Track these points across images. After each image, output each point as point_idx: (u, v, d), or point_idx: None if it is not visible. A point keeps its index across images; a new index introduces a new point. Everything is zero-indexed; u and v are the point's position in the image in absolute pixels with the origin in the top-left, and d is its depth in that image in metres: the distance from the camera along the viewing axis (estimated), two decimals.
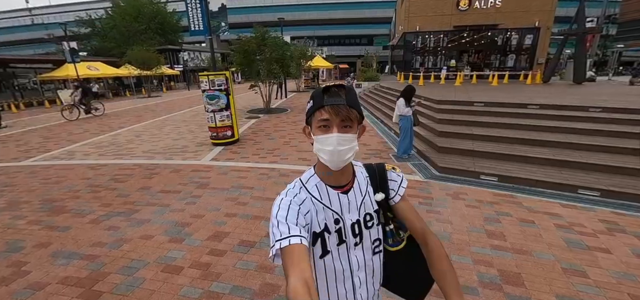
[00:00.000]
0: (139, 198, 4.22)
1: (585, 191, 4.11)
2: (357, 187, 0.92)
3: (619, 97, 8.57)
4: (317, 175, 0.90)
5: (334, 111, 0.79)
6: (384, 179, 0.96)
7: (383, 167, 0.99)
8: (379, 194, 0.94)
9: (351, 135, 0.82)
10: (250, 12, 45.96)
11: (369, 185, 0.95)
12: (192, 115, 12.39)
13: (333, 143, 0.80)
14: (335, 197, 0.88)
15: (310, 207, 0.86)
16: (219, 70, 7.05)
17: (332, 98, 0.80)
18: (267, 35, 11.61)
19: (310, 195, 0.88)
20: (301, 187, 0.90)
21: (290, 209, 0.81)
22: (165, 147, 7.11)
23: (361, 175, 0.95)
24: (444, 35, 19.15)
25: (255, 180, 4.76)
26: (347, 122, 0.80)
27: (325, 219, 0.87)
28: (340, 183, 0.90)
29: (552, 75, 15.19)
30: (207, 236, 3.16)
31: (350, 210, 0.89)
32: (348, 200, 0.89)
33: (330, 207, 0.88)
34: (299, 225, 0.78)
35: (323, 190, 0.88)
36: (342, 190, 0.90)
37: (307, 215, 0.84)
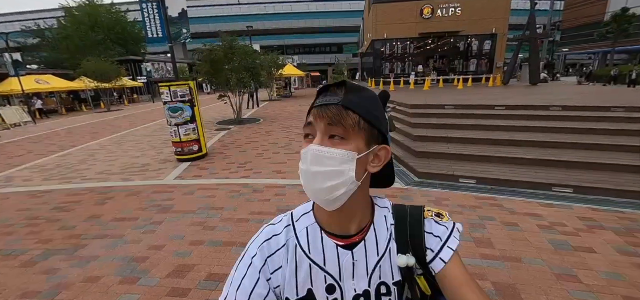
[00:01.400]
0: (86, 230, 3.62)
1: (559, 189, 4.18)
2: (372, 239, 0.60)
3: (573, 95, 9.22)
4: (314, 214, 0.63)
5: (319, 112, 0.53)
6: (419, 231, 0.61)
7: (419, 212, 0.64)
8: (404, 257, 0.59)
9: (339, 151, 0.52)
10: (216, 21, 44.81)
11: (391, 240, 0.61)
12: (155, 129, 11.52)
13: (306, 159, 0.54)
14: (332, 251, 0.59)
15: (282, 262, 0.60)
16: (185, 80, 6.51)
17: (326, 97, 0.55)
18: (235, 43, 11.19)
19: (297, 241, 0.61)
20: (287, 224, 0.64)
21: (252, 266, 0.58)
22: (123, 167, 6.40)
23: (382, 222, 0.63)
24: (410, 42, 19.83)
25: (225, 199, 4.33)
26: (335, 129, 0.52)
27: (311, 282, 0.59)
28: (346, 231, 0.60)
29: (510, 77, 16.21)
30: (167, 272, 2.71)
31: (354, 275, 0.59)
32: (353, 260, 0.59)
33: (323, 267, 0.59)
34: (258, 296, 0.56)
35: (316, 237, 0.60)
36: (347, 241, 0.60)
37: (273, 277, 0.59)
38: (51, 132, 12.30)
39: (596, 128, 5.68)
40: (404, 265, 0.59)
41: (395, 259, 0.60)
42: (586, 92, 10.53)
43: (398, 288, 0.61)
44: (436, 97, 9.74)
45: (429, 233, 0.61)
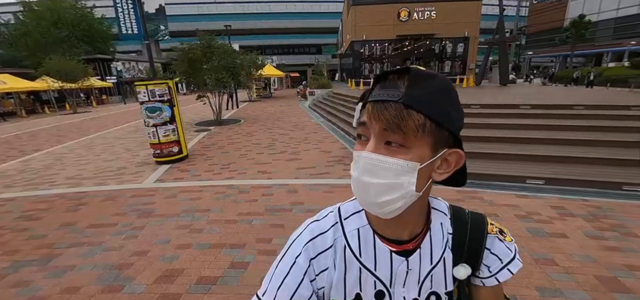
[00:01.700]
0: (59, 238, 3.38)
1: (532, 181, 4.46)
2: (427, 247, 0.56)
3: (540, 95, 9.87)
4: (367, 215, 0.58)
5: (375, 112, 0.45)
6: (479, 244, 0.58)
7: (481, 224, 0.59)
8: (463, 268, 0.56)
9: (397, 160, 0.45)
10: (194, 20, 43.45)
11: (447, 249, 0.57)
12: (129, 131, 10.97)
13: (358, 168, 0.48)
14: (385, 257, 0.55)
15: (329, 264, 0.56)
16: (164, 79, 6.26)
17: (385, 90, 0.46)
18: (214, 42, 10.92)
19: (346, 242, 0.56)
20: (335, 222, 0.59)
21: (295, 265, 0.55)
22: (97, 171, 6.04)
23: (439, 229, 0.58)
24: (388, 44, 20.32)
25: (210, 201, 4.21)
26: (394, 136, 0.44)
27: (360, 286, 0.55)
28: (400, 236, 0.56)
29: (482, 78, 17.07)
30: (154, 278, 2.59)
31: (406, 283, 0.55)
32: (407, 268, 0.55)
33: (374, 272, 0.55)
34: (300, 297, 0.53)
35: (368, 241, 0.56)
36: (400, 247, 0.55)
37: (318, 279, 0.56)
38: (11, 136, 11.35)
39: (562, 124, 6.12)
40: (464, 277, 0.56)
41: (449, 268, 0.57)
42: (551, 92, 11.31)
43: (449, 298, 0.58)
44: None
45: (491, 251, 0.58)
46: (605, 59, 30.99)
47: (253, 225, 3.44)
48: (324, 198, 4.15)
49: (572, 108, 7.07)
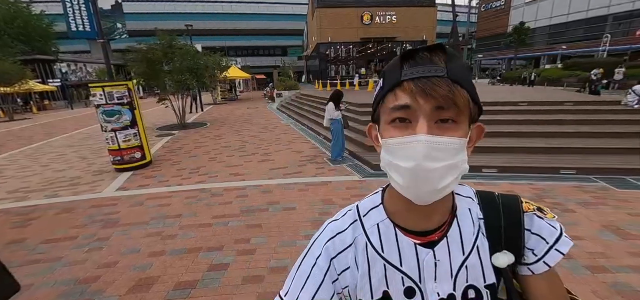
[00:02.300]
0: (8, 257, 3.03)
1: (487, 170, 4.93)
2: (456, 235, 0.52)
3: (490, 93, 10.85)
4: (385, 208, 0.55)
5: (422, 90, 0.42)
6: (517, 227, 0.52)
7: (515, 204, 0.54)
8: (504, 255, 0.51)
9: (455, 139, 0.43)
10: (152, 19, 40.79)
11: (481, 235, 0.52)
12: (81, 138, 10.04)
13: (416, 154, 0.42)
14: (409, 250, 0.52)
15: (350, 263, 0.54)
16: (119, 81, 5.86)
17: (420, 67, 0.43)
18: (175, 42, 10.41)
19: (367, 239, 0.54)
20: (354, 220, 0.56)
21: (316, 267, 0.53)
22: (45, 182, 5.48)
23: (467, 215, 0.53)
24: (353, 46, 20.92)
25: (182, 206, 4.05)
26: (448, 112, 0.42)
27: (386, 284, 0.52)
28: (426, 227, 0.52)
29: None
30: (127, 288, 2.45)
31: (437, 276, 0.51)
32: (435, 259, 0.51)
33: (399, 268, 0.52)
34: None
35: (389, 234, 0.53)
36: (425, 239, 0.52)
37: (340, 278, 0.54)
38: None
39: (509, 119, 6.83)
40: (504, 265, 0.50)
41: (487, 258, 0.52)
42: (498, 91, 12.49)
43: (491, 292, 0.51)
44: None
45: (532, 232, 0.52)
46: (542, 62, 34.93)
47: (230, 227, 3.39)
48: (300, 196, 4.20)
49: (518, 104, 7.91)
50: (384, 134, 0.48)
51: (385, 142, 0.47)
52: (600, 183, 4.42)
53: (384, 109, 0.47)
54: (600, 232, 3.08)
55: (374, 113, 0.52)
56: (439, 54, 0.44)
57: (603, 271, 2.49)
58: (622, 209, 3.57)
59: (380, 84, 0.49)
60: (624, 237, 2.98)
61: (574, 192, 4.09)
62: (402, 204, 0.51)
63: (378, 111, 0.50)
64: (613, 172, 4.71)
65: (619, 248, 2.81)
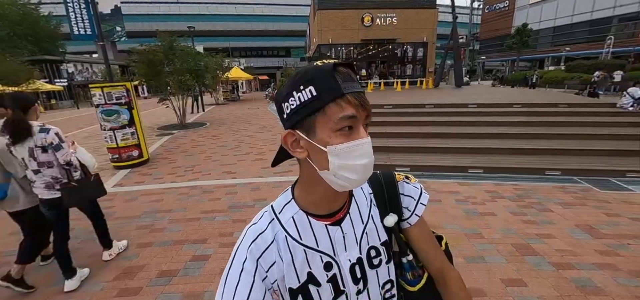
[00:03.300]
0: (6, 247, 3.22)
1: (473, 170, 5.02)
2: (355, 210, 0.65)
3: (488, 95, 10.89)
4: (297, 202, 0.63)
5: (361, 103, 0.52)
6: (395, 193, 0.69)
7: (391, 177, 0.71)
8: (391, 216, 0.66)
9: None
10: (153, 20, 41.36)
11: (373, 206, 0.68)
12: (84, 137, 10.32)
13: (368, 153, 0.54)
14: (322, 232, 0.61)
15: (275, 258, 0.59)
16: (117, 82, 6.06)
17: (350, 83, 0.53)
18: (176, 43, 10.63)
19: (285, 232, 0.61)
20: (271, 220, 0.63)
21: (244, 272, 0.56)
22: None
23: (361, 193, 0.68)
24: (354, 48, 21.03)
25: (173, 202, 4.22)
26: (369, 119, 0.56)
27: (309, 266, 0.60)
28: (333, 208, 0.63)
29: (440, 81, 18.33)
30: (113, 276, 2.62)
31: (346, 246, 0.62)
32: (343, 233, 0.62)
33: (317, 248, 0.61)
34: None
35: (304, 223, 0.61)
36: (332, 219, 0.63)
37: (269, 275, 0.58)
38: None
39: (501, 121, 6.90)
40: (392, 224, 0.66)
41: (379, 222, 0.66)
42: (498, 92, 12.52)
43: (386, 247, 0.66)
44: (377, 99, 10.59)
45: (404, 194, 0.69)
46: (547, 63, 34.69)
47: (215, 222, 3.54)
48: None
49: (512, 106, 7.97)
50: (330, 141, 0.52)
51: (335, 148, 0.52)
52: (583, 184, 4.49)
53: (326, 118, 0.52)
54: (573, 230, 3.17)
55: (297, 121, 0.54)
56: (352, 71, 0.55)
57: (568, 268, 2.58)
58: (601, 209, 3.65)
59: (313, 94, 0.51)
60: (595, 236, 3.07)
61: (555, 193, 4.17)
62: (320, 195, 0.60)
63: (310, 121, 0.53)
64: (598, 174, 4.78)
65: (589, 246, 2.89)
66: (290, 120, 0.55)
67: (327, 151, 0.52)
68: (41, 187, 2.36)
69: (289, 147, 0.57)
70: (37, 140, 2.24)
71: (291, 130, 0.56)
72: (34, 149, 2.25)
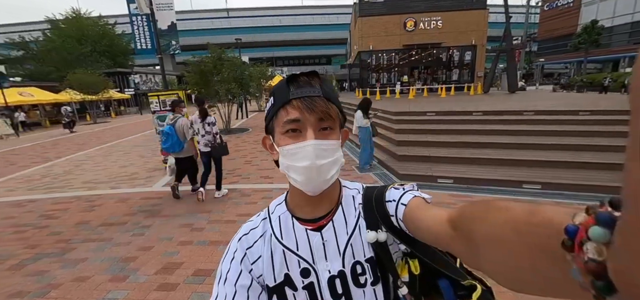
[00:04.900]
0: (74, 235, 3.68)
1: (528, 185, 4.49)
2: (340, 219, 0.62)
3: (547, 101, 9.76)
4: (287, 203, 0.65)
5: (307, 106, 0.54)
6: (381, 204, 0.60)
7: (384, 188, 0.63)
8: (373, 232, 0.59)
9: (334, 141, 0.57)
10: (205, 34, 45.03)
11: (361, 218, 0.62)
12: (144, 139, 11.49)
13: (309, 155, 0.54)
14: (302, 235, 0.61)
15: (262, 252, 0.61)
16: (171, 90, 6.65)
17: (302, 88, 0.56)
18: (224, 55, 11.41)
19: (272, 231, 0.63)
20: (264, 217, 0.66)
21: (234, 260, 0.60)
22: (111, 176, 6.42)
23: (350, 202, 0.64)
24: (395, 54, 20.49)
25: (213, 204, 4.45)
26: (326, 122, 0.56)
27: (287, 268, 0.60)
28: (316, 214, 0.62)
29: (490, 86, 16.94)
30: (155, 270, 2.81)
31: (327, 256, 0.60)
32: (323, 241, 0.60)
33: (296, 252, 0.60)
34: (242, 287, 0.57)
35: (288, 224, 0.62)
36: (315, 225, 0.61)
37: (254, 268, 0.60)
38: (36, 145, 12.08)
39: (563, 130, 6.10)
40: (373, 240, 0.58)
41: (365, 237, 0.60)
42: (560, 98, 11.16)
43: (371, 265, 0.60)
44: (419, 106, 10.12)
45: (389, 201, 0.59)
46: (622, 64, 30.07)
47: None
48: None
49: (578, 114, 7.01)
50: (279, 143, 0.57)
51: (282, 149, 0.57)
52: None
53: (278, 122, 0.57)
54: None
55: (267, 126, 0.62)
56: (315, 78, 0.57)
57: None
58: None
59: (272, 102, 0.59)
60: None
61: None
62: (298, 198, 0.62)
63: (272, 125, 0.60)
64: None
65: None
66: (266, 125, 0.62)
67: (279, 151, 0.58)
68: (202, 145, 4.58)
69: (267, 149, 0.63)
70: (207, 120, 4.48)
71: (266, 135, 0.63)
72: (204, 124, 4.48)
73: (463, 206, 0.41)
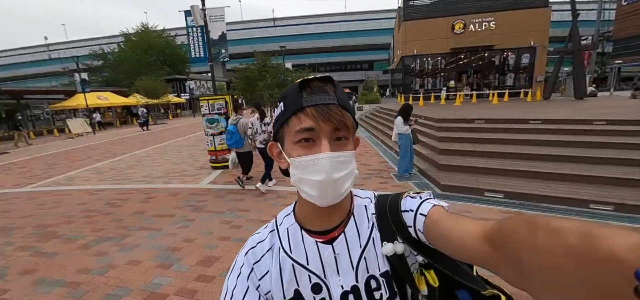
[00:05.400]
0: (132, 222, 4.11)
1: (597, 205, 3.90)
2: (353, 231, 0.58)
3: (622, 109, 8.44)
4: (295, 214, 0.62)
5: (322, 115, 0.50)
6: (397, 214, 0.56)
7: (398, 196, 0.59)
8: (390, 245, 0.55)
9: (349, 152, 0.53)
10: (252, 42, 47.62)
11: (374, 229, 0.58)
12: (195, 140, 12.47)
13: (324, 168, 0.51)
14: (313, 249, 0.57)
15: (270, 267, 0.58)
16: (219, 95, 7.13)
17: (316, 95, 0.52)
18: (268, 62, 11.97)
19: (280, 244, 0.59)
20: (272, 230, 0.62)
21: (240, 276, 0.58)
22: (165, 172, 7.08)
23: (363, 212, 0.60)
24: (441, 58, 19.49)
25: (252, 203, 4.64)
26: (342, 132, 0.52)
27: (297, 283, 0.56)
28: (327, 226, 0.58)
29: (552, 91, 15.18)
30: (196, 261, 3.01)
31: (339, 270, 0.56)
32: (335, 254, 0.56)
33: (306, 266, 0.56)
34: None
35: (297, 236, 0.59)
36: (326, 237, 0.58)
37: (261, 283, 0.57)
38: (107, 142, 13.84)
39: None
40: (390, 253, 0.54)
41: (379, 249, 0.56)
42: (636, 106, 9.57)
43: (387, 280, 0.56)
44: (467, 112, 9.47)
45: (405, 210, 0.56)
46: None
47: None
48: None
49: None
50: (291, 153, 0.54)
51: (294, 161, 0.53)
52: None
53: (289, 130, 0.54)
54: None
55: (276, 133, 0.58)
56: (329, 84, 0.54)
57: None
58: None
59: (282, 108, 0.55)
60: None
61: None
62: (308, 210, 0.58)
63: (281, 132, 0.56)
64: None
65: None
66: (275, 132, 0.58)
67: (290, 162, 0.54)
68: (258, 142, 5.18)
69: (275, 157, 0.59)
70: (265, 121, 5.13)
71: (274, 142, 0.59)
72: (263, 124, 5.12)
73: (501, 221, 0.37)
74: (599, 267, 0.23)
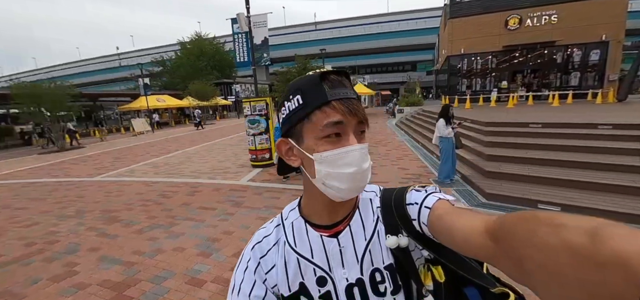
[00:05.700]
0: (179, 213, 4.50)
1: None
2: (358, 224, 0.58)
3: None
4: (300, 209, 0.62)
5: (348, 109, 0.51)
6: (402, 207, 0.56)
7: (403, 189, 0.59)
8: (394, 237, 0.55)
9: (367, 144, 0.55)
10: (293, 47, 48.89)
11: (379, 222, 0.58)
12: (238, 140, 13.21)
13: (356, 160, 0.51)
14: (317, 242, 0.57)
15: (276, 261, 0.59)
16: (260, 97, 7.48)
17: (338, 89, 0.52)
18: (309, 65, 12.24)
19: (285, 238, 0.60)
20: (278, 224, 0.63)
21: (247, 270, 0.58)
22: (210, 168, 7.61)
23: (368, 205, 0.60)
24: (492, 56, 18.07)
25: (287, 201, 4.77)
26: (363, 126, 0.54)
27: (302, 277, 0.57)
28: (333, 220, 0.58)
29: (628, 92, 13.15)
30: (233, 253, 3.19)
31: (344, 263, 0.56)
32: (340, 247, 0.57)
33: (311, 260, 0.57)
34: (256, 298, 0.56)
35: (301, 230, 0.59)
36: (331, 231, 0.58)
37: (268, 277, 0.58)
38: (163, 139, 15.31)
39: None
40: (394, 245, 0.55)
41: (384, 242, 0.56)
42: None
43: (391, 273, 0.56)
44: (520, 115, 8.65)
45: (410, 203, 0.55)
46: None
47: None
48: None
49: None
50: (316, 149, 0.52)
51: (320, 156, 0.51)
52: None
53: (311, 126, 0.52)
54: None
55: (289, 129, 0.55)
56: (346, 78, 0.54)
57: None
58: None
59: (300, 102, 0.52)
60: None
61: None
62: (318, 204, 0.57)
63: (298, 128, 0.53)
64: None
65: None
66: (283, 128, 0.57)
67: (313, 159, 0.52)
68: None
69: (284, 155, 0.58)
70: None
71: (284, 138, 0.57)
72: None
73: (503, 216, 0.36)
74: (601, 269, 0.21)
